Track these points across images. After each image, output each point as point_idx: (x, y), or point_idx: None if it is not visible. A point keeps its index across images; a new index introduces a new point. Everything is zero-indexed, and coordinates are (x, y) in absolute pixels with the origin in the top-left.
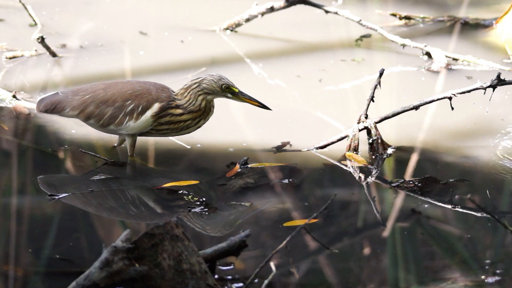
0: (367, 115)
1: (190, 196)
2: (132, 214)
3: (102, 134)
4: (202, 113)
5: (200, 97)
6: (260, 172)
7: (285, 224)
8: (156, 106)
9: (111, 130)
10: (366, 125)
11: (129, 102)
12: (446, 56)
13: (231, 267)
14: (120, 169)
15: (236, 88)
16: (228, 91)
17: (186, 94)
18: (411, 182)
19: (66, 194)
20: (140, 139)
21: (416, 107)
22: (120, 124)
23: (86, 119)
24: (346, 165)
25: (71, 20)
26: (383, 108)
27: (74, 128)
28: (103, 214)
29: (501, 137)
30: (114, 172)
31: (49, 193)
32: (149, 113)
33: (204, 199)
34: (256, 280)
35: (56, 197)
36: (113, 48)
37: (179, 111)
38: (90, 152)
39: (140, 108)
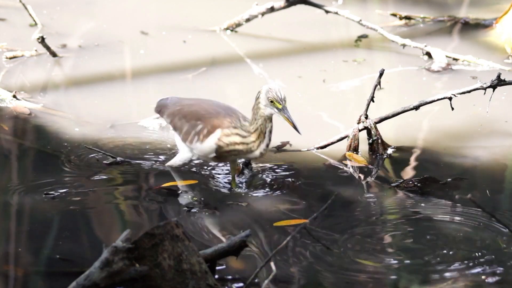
0: (367, 115)
1: (189, 196)
2: (132, 214)
3: (102, 134)
4: (260, 134)
5: (259, 113)
6: (260, 172)
7: (277, 224)
8: (218, 132)
9: (189, 148)
10: (366, 125)
11: (199, 122)
12: (447, 56)
13: (226, 267)
14: (120, 169)
15: (280, 104)
16: (273, 105)
17: (252, 115)
18: (411, 182)
19: (62, 191)
20: (139, 137)
21: (416, 107)
22: (191, 142)
23: (174, 129)
24: (346, 165)
25: (71, 20)
26: (383, 108)
27: (74, 128)
28: (103, 214)
29: (503, 137)
30: (114, 172)
31: (45, 192)
32: (211, 138)
33: (203, 199)
34: (256, 280)
35: (51, 195)
36: (113, 48)
37: (239, 138)
38: (95, 148)
39: (205, 131)
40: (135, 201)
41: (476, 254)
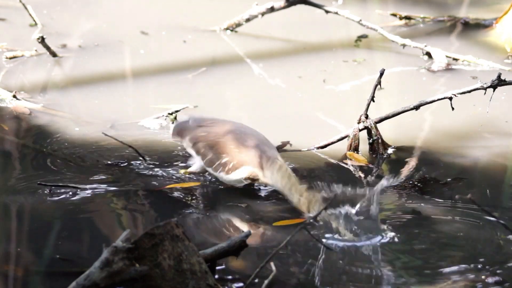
0: (367, 115)
1: (190, 197)
2: (132, 214)
3: (102, 135)
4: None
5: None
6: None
7: (277, 224)
8: (245, 170)
9: (212, 173)
10: (366, 125)
11: (225, 155)
12: (447, 56)
13: (226, 267)
14: (120, 169)
15: None
16: None
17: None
18: (411, 182)
19: (61, 191)
20: (136, 136)
21: (416, 107)
22: (216, 171)
23: (196, 153)
24: (346, 165)
25: (72, 20)
26: (383, 108)
27: (74, 128)
28: (103, 214)
29: (503, 137)
30: (114, 172)
31: (38, 181)
32: (238, 173)
33: (204, 199)
34: (256, 280)
35: (45, 185)
36: (113, 48)
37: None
38: (112, 137)
39: (231, 165)
40: (136, 202)
41: (476, 254)
